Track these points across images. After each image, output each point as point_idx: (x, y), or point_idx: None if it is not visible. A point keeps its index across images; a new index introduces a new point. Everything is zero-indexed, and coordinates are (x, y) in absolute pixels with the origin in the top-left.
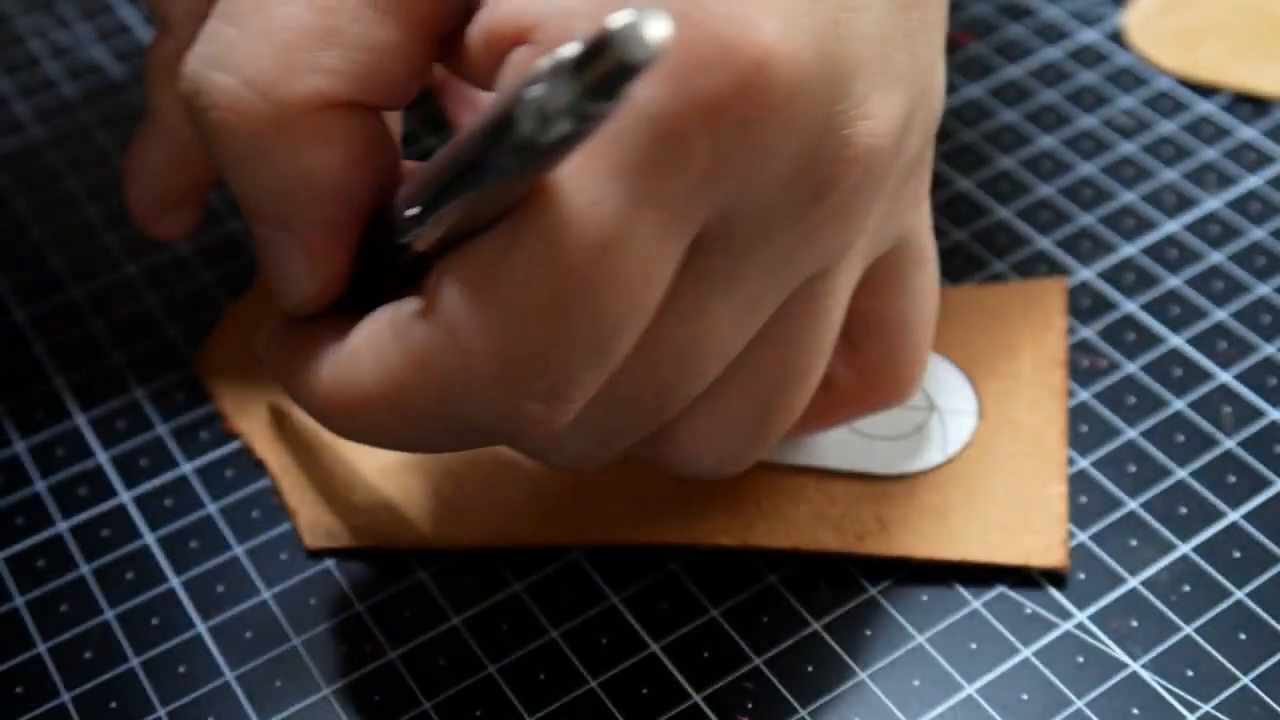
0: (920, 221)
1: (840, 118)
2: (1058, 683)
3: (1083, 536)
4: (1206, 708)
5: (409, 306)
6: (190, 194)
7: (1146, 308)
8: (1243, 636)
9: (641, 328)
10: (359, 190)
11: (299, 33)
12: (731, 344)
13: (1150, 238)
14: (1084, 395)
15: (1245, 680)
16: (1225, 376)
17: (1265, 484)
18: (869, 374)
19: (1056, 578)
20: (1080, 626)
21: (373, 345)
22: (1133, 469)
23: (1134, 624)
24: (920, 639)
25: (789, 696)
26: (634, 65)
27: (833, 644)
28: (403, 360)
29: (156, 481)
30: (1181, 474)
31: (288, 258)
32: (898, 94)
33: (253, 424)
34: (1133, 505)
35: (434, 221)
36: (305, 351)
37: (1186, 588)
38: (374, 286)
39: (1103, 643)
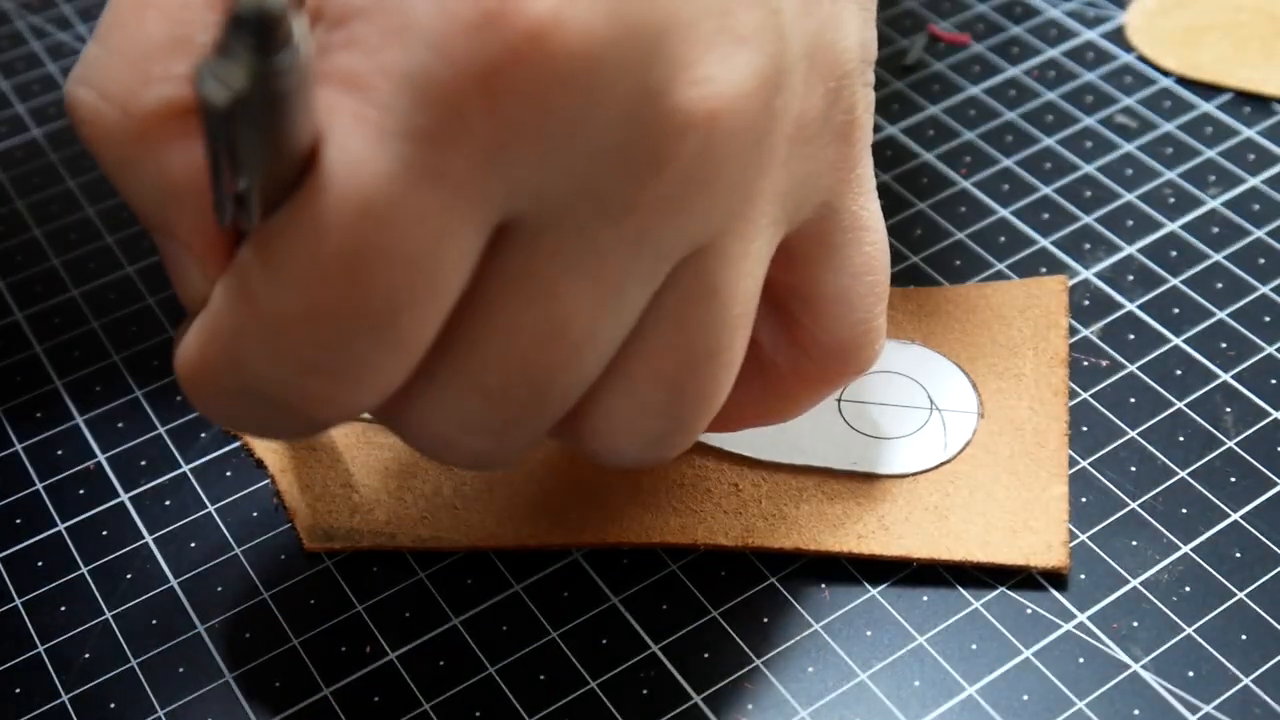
0: (850, 189)
1: (661, 83)
2: (1059, 683)
3: (1083, 536)
4: (1207, 708)
5: (220, 281)
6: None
7: (1146, 308)
8: (1244, 637)
9: (438, 311)
10: None
11: (151, 45)
12: (605, 328)
13: (1150, 238)
14: (1084, 395)
15: (1246, 681)
16: (1226, 376)
17: (1266, 484)
18: (812, 348)
19: (1057, 578)
20: (1081, 627)
21: (199, 320)
22: (1133, 469)
23: (1135, 624)
24: (920, 639)
25: (789, 696)
26: (262, 14)
27: (833, 644)
28: (203, 328)
29: (156, 481)
30: (1182, 474)
31: (177, 263)
32: (746, 54)
33: None
34: (1133, 505)
35: (221, 202)
36: (185, 337)
37: (1188, 588)
38: None
39: (1104, 643)
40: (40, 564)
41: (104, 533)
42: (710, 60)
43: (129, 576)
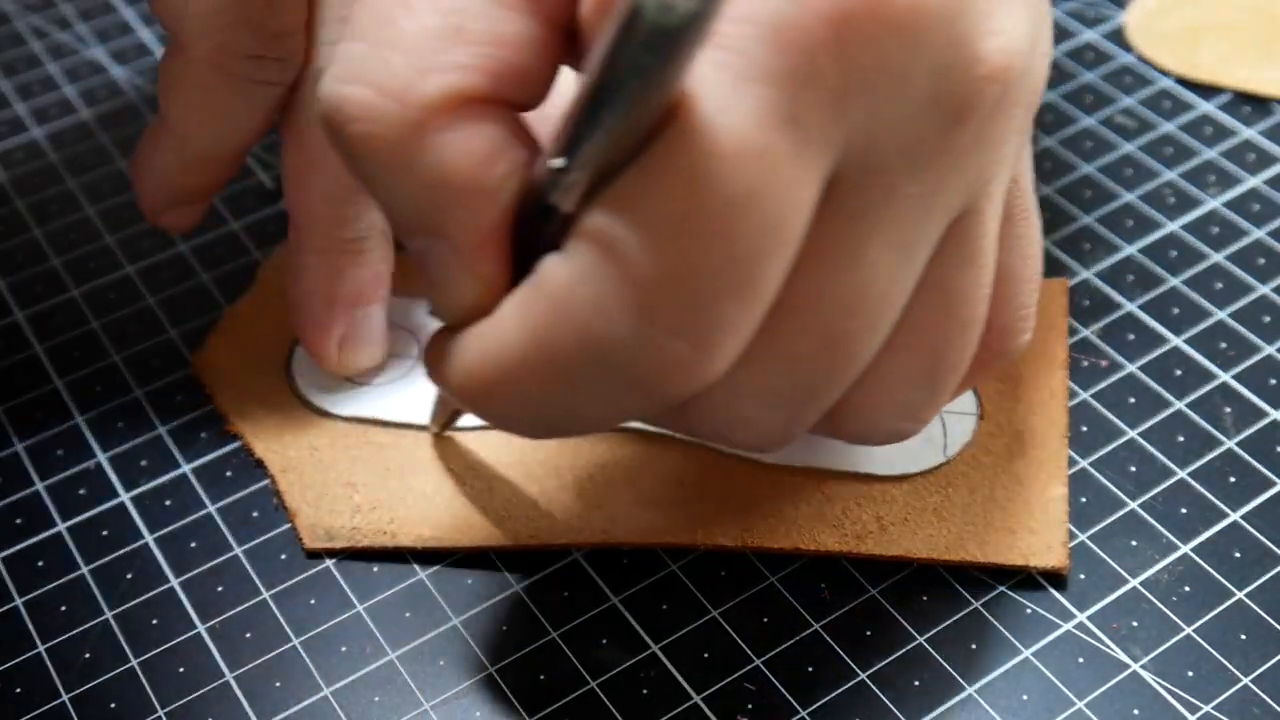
0: (1028, 166)
1: (968, 34)
2: (1058, 683)
3: (1083, 536)
4: (1207, 708)
5: (548, 263)
6: (197, 194)
7: (1146, 308)
8: (1243, 637)
9: (785, 263)
10: (504, 186)
11: (426, 36)
12: (896, 292)
13: (1150, 238)
14: (1084, 395)
15: (1246, 681)
16: (1225, 376)
17: (1266, 484)
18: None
19: (1057, 578)
20: (1081, 627)
21: (517, 307)
22: (1133, 469)
23: (1134, 624)
24: (920, 639)
25: (789, 696)
26: None
27: (833, 644)
28: (545, 308)
29: (156, 481)
30: (1182, 474)
31: (446, 267)
32: (1020, 10)
33: (253, 424)
34: (1133, 505)
35: (580, 165)
36: (451, 343)
37: (1187, 588)
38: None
39: (1103, 643)
40: (40, 564)
41: (104, 533)
42: (1001, 13)
43: (129, 576)
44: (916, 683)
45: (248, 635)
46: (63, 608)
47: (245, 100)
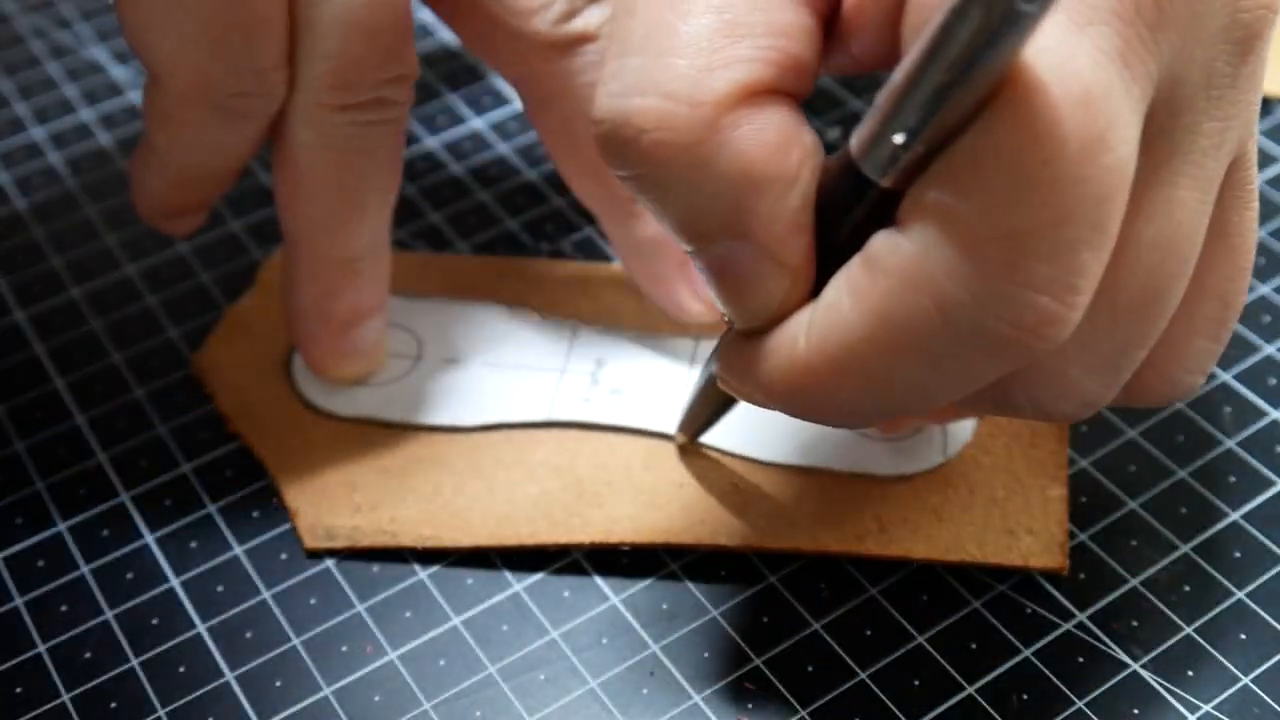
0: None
1: None
2: (1058, 683)
3: (1083, 536)
4: (1207, 708)
5: (881, 240)
6: (191, 208)
7: None
8: (1243, 636)
9: (1124, 203)
10: (802, 173)
11: (705, 35)
12: (1200, 234)
13: None
14: None
15: (1245, 680)
16: (1226, 376)
17: (1265, 484)
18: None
19: (1057, 578)
20: (1080, 626)
21: (850, 289)
22: (1133, 469)
23: (1134, 624)
24: (920, 639)
25: (789, 696)
26: None
27: (833, 644)
28: (892, 282)
29: (156, 482)
30: (1182, 474)
31: (751, 267)
32: None
33: (253, 424)
34: (1133, 505)
35: (923, 139)
36: (763, 344)
37: (1187, 588)
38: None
39: (1103, 643)
40: (40, 564)
41: (104, 532)
42: None
43: (130, 576)
44: (916, 683)
45: (248, 635)
46: (63, 608)
47: (228, 131)
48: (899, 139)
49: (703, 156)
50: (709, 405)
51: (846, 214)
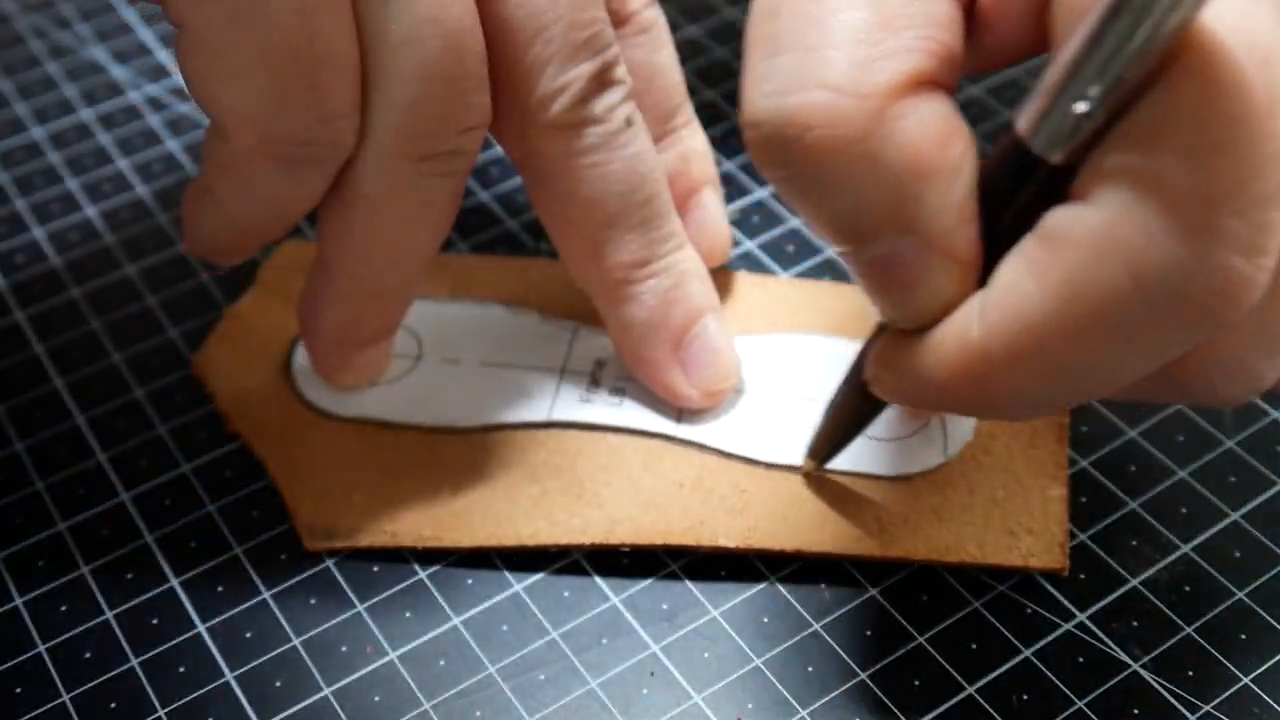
0: None
1: None
2: (1058, 683)
3: (1083, 536)
4: (1207, 708)
5: (1061, 214)
6: (246, 252)
7: None
8: (1243, 637)
9: None
10: (966, 162)
11: (861, 29)
12: None
13: None
14: None
15: (1246, 680)
16: None
17: (1265, 484)
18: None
19: (1057, 578)
20: (1081, 627)
21: (1030, 268)
22: (1133, 469)
23: (1134, 624)
24: (920, 639)
25: (789, 696)
26: None
27: (833, 644)
28: (1079, 255)
29: (156, 481)
30: (1182, 474)
31: (919, 262)
32: None
33: (253, 424)
34: (1133, 505)
35: (1103, 108)
36: (927, 339)
37: (1187, 588)
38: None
39: (1103, 643)
40: (40, 564)
41: (104, 532)
42: None
43: (129, 576)
44: (916, 683)
45: (248, 635)
46: (63, 608)
47: (292, 182)
48: (1081, 107)
49: (870, 150)
50: (845, 422)
51: (1010, 199)
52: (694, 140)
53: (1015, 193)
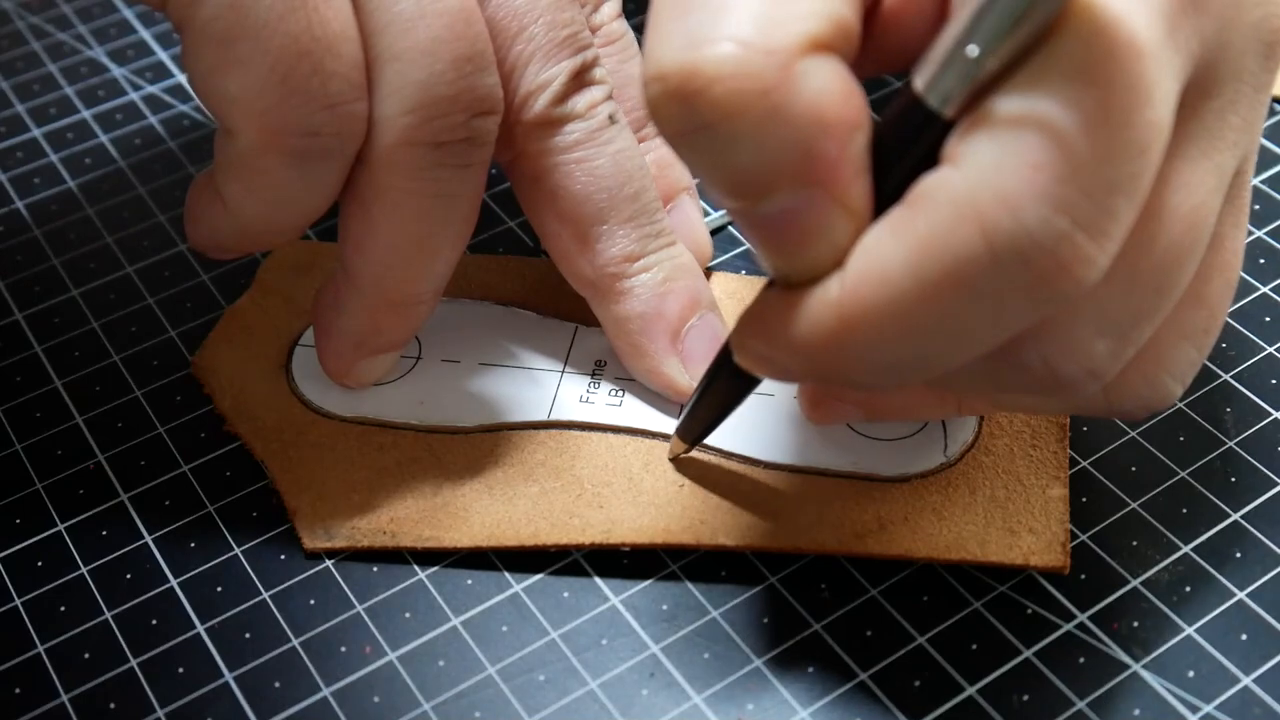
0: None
1: None
2: (1059, 683)
3: (1083, 537)
4: (1208, 708)
5: (928, 178)
6: (252, 252)
7: None
8: (1244, 637)
9: (1157, 166)
10: (865, 120)
11: None
12: (1212, 221)
13: None
14: None
15: (1246, 681)
16: (1226, 376)
17: (1266, 484)
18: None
19: (1058, 578)
20: (1081, 627)
21: (891, 228)
22: (1133, 469)
23: (1135, 624)
24: (920, 639)
25: (789, 696)
26: None
27: (833, 644)
28: (938, 215)
29: (155, 482)
30: (1182, 474)
31: (817, 216)
32: None
33: (253, 424)
34: (1133, 505)
35: (992, 56)
36: (793, 300)
37: (1188, 588)
38: None
39: (1104, 643)
40: (40, 564)
41: (104, 533)
42: None
43: (129, 576)
44: (916, 683)
45: (247, 635)
46: (63, 608)
47: (304, 180)
48: (973, 50)
49: (775, 103)
50: (712, 404)
51: (900, 157)
52: (666, 148)
53: (906, 150)
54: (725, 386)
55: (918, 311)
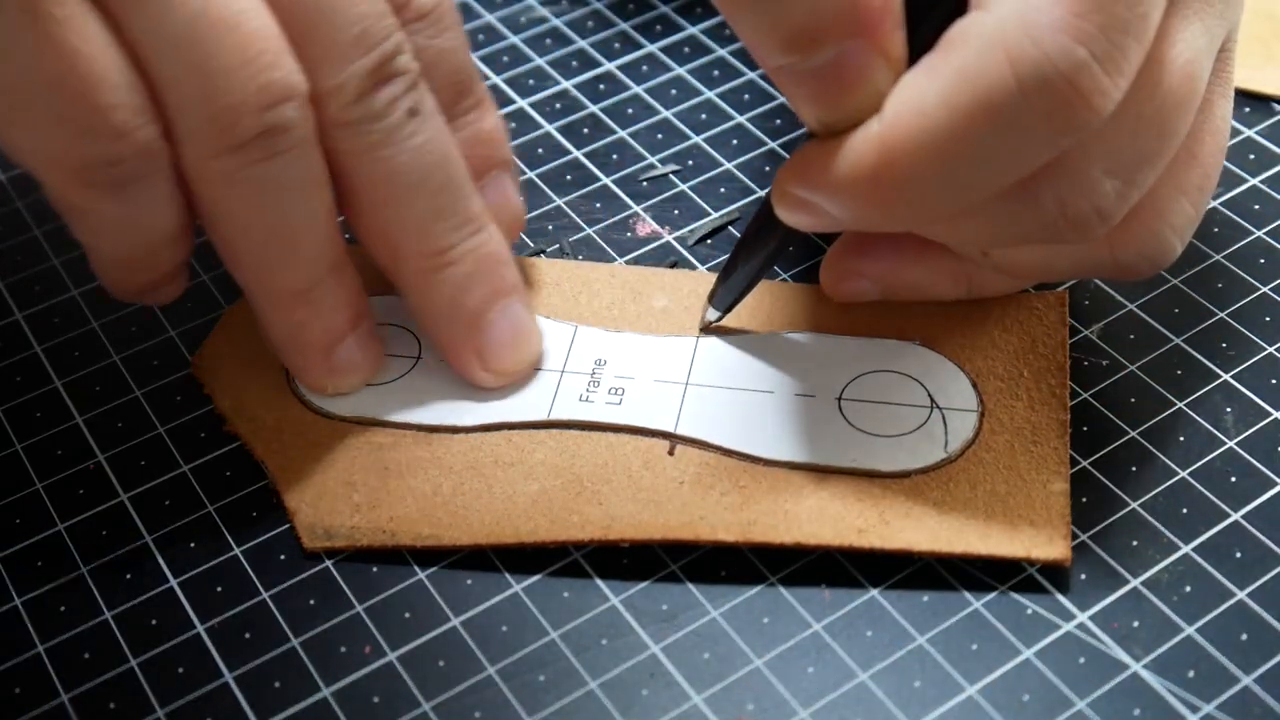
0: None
1: None
2: (1059, 684)
3: (1084, 537)
4: (1208, 708)
5: (961, 22)
6: (155, 282)
7: (1146, 308)
8: (1244, 637)
9: (1159, 17)
10: None
11: None
12: (1205, 77)
13: None
14: (1084, 395)
15: (1247, 681)
16: (1226, 376)
17: (1266, 484)
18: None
19: (1058, 578)
20: (1081, 627)
21: (927, 70)
22: (1134, 469)
23: (1135, 624)
24: (920, 639)
25: (789, 696)
26: None
27: (833, 644)
28: (969, 50)
29: (155, 482)
30: (1182, 474)
31: (863, 65)
32: None
33: (252, 424)
34: (1133, 505)
35: None
36: (837, 142)
37: (1188, 588)
38: None
39: (1104, 643)
40: (40, 564)
41: (104, 533)
42: None
43: (129, 576)
44: (916, 683)
45: (247, 635)
46: (62, 608)
47: (130, 206)
48: None
49: None
50: (746, 270)
51: (929, 14)
52: (483, 122)
53: (938, 2)
54: (759, 246)
55: (951, 141)
